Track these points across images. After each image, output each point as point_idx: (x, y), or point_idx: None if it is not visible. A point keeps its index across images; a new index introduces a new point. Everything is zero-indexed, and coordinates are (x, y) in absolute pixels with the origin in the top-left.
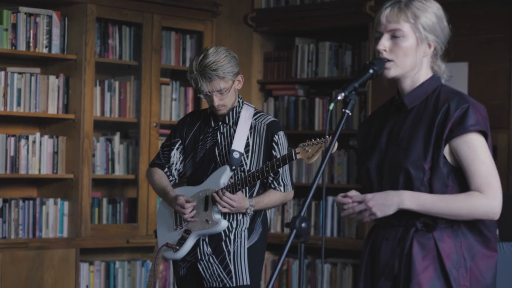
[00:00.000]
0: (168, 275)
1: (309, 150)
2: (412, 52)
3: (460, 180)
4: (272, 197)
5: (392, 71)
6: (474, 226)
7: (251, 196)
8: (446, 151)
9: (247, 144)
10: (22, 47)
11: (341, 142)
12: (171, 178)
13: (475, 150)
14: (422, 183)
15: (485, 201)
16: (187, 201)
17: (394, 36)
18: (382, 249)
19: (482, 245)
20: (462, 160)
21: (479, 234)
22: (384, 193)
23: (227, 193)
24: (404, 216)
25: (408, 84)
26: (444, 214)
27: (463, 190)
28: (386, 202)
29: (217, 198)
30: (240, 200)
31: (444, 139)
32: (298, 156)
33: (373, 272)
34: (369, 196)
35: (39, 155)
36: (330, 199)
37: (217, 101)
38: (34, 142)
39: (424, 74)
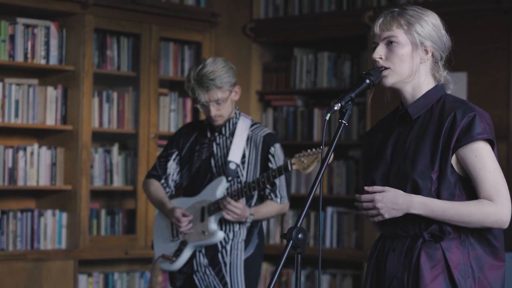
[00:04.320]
0: (167, 286)
1: (305, 161)
2: (408, 58)
3: (467, 189)
4: (269, 208)
5: (390, 79)
6: (482, 236)
7: (249, 207)
8: (453, 160)
9: (244, 156)
10: (20, 58)
11: (340, 153)
12: (167, 189)
13: (482, 159)
14: (429, 193)
15: (495, 209)
16: (184, 215)
17: (389, 44)
18: (389, 260)
19: (490, 256)
20: (470, 169)
21: (488, 244)
22: (393, 194)
23: (232, 201)
24: (411, 227)
25: (409, 92)
26: (453, 221)
27: (470, 199)
28: (395, 206)
29: (223, 205)
30: (243, 208)
31: (452, 148)
32: (294, 167)
33: (378, 283)
34: (378, 197)
35: (37, 167)
36: (329, 209)
37: (214, 111)
38: (32, 153)
39: (425, 82)
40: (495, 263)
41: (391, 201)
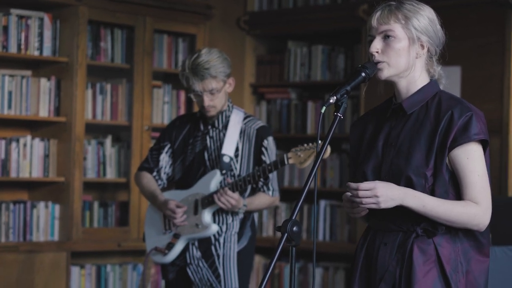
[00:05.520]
0: (159, 279)
1: (301, 155)
2: (405, 53)
3: (457, 188)
4: (262, 200)
5: (386, 72)
6: (470, 231)
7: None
8: (446, 158)
9: (237, 149)
10: (13, 49)
11: (333, 146)
12: (159, 182)
13: (474, 161)
14: (423, 190)
15: (480, 212)
16: (178, 206)
17: (386, 38)
18: (380, 254)
19: (475, 250)
20: (459, 170)
21: (474, 239)
22: (388, 185)
23: (229, 191)
24: (403, 221)
25: (404, 86)
26: (441, 219)
27: (458, 198)
28: (392, 196)
29: (219, 194)
30: (238, 199)
31: (448, 147)
32: (290, 161)
33: (369, 277)
34: (379, 185)
35: (30, 158)
36: (322, 202)
37: (207, 101)
38: (25, 145)
39: (419, 77)
40: (480, 258)
41: (389, 191)
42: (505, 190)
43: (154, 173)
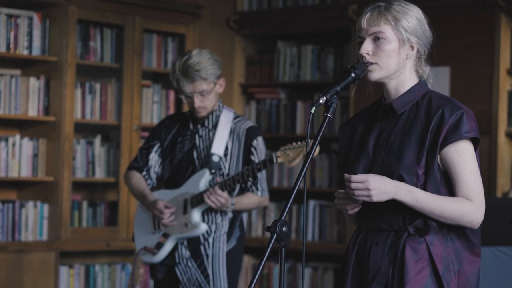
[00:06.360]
0: (148, 279)
1: (290, 154)
2: (395, 54)
3: (449, 186)
4: (250, 199)
5: (376, 74)
6: (462, 231)
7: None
8: (438, 157)
9: (226, 148)
10: (2, 48)
11: (322, 146)
12: (149, 181)
13: (465, 159)
14: None
15: (473, 209)
16: (166, 207)
17: (376, 40)
18: (372, 253)
19: (467, 250)
20: (451, 167)
21: (466, 239)
22: (381, 178)
23: (219, 190)
24: (395, 220)
25: (393, 87)
26: (434, 214)
27: (451, 196)
28: (385, 190)
29: (208, 193)
30: (227, 198)
31: (440, 145)
32: (279, 160)
33: (360, 277)
34: (371, 178)
35: (19, 158)
36: (311, 203)
37: (197, 102)
38: (14, 144)
39: (409, 77)
40: (472, 258)
41: (381, 184)
42: (494, 190)
43: (144, 173)
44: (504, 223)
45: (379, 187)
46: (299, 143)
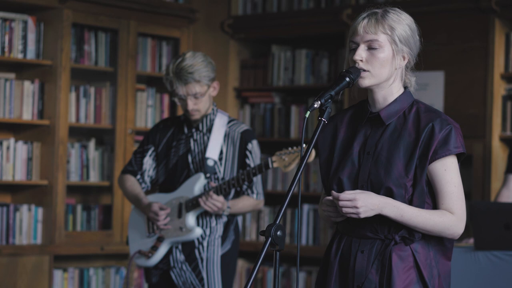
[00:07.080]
0: (142, 283)
1: (286, 159)
2: (388, 63)
3: (433, 196)
4: (246, 202)
5: (367, 81)
6: (440, 237)
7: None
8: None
9: (221, 152)
10: None
11: (317, 151)
12: (143, 185)
13: (450, 173)
14: (403, 200)
15: (455, 222)
16: (161, 208)
17: (371, 47)
18: (358, 262)
19: (441, 254)
20: (436, 181)
21: (441, 244)
22: (368, 195)
23: (214, 195)
24: (380, 229)
25: (381, 96)
26: (418, 228)
27: (434, 206)
28: (372, 207)
29: (204, 198)
30: (223, 202)
31: (429, 159)
32: (275, 165)
33: (344, 284)
34: (359, 196)
35: (13, 161)
36: (305, 207)
37: (191, 105)
38: (8, 148)
39: (396, 87)
40: (445, 262)
41: (369, 202)
42: (488, 195)
43: (138, 176)
44: (498, 228)
45: (367, 205)
46: (294, 148)
